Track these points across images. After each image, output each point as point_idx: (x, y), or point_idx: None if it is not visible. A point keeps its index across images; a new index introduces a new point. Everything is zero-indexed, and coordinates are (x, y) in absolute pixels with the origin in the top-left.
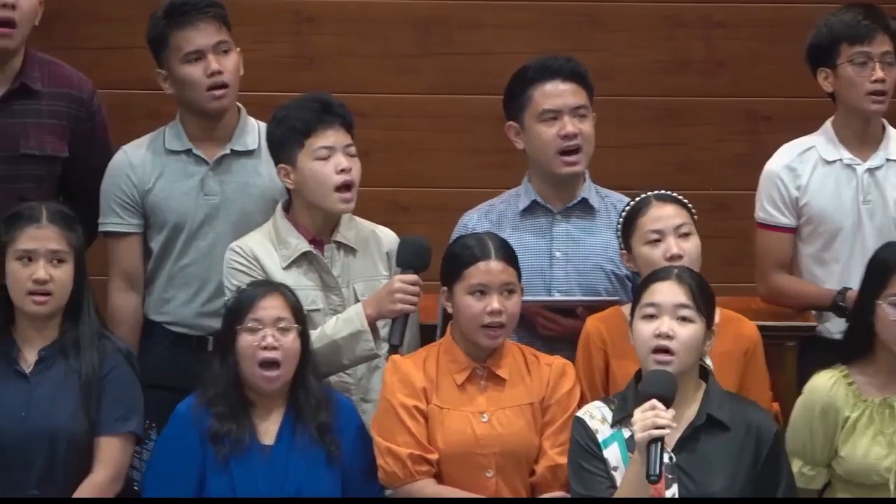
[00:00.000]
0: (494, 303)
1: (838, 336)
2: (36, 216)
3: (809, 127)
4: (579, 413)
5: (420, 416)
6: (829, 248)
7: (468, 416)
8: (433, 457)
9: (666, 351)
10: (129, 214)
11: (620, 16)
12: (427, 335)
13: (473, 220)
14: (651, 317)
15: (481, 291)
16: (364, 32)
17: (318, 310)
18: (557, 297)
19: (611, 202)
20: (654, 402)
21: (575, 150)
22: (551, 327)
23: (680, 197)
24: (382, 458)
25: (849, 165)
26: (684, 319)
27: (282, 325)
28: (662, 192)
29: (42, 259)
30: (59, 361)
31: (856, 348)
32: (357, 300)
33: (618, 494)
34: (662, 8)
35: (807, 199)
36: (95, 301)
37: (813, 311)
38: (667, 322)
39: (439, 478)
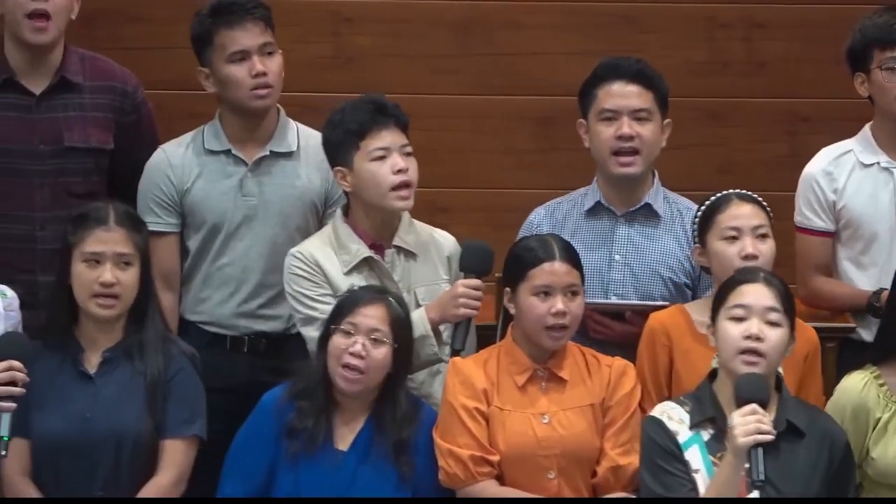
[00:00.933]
0: (559, 304)
1: None
2: (104, 218)
3: (850, 128)
4: (654, 413)
5: (481, 418)
6: (867, 252)
7: (529, 418)
8: (494, 458)
9: (755, 352)
10: (167, 214)
11: (660, 17)
12: (485, 336)
13: (539, 217)
14: (740, 318)
15: (545, 292)
16: (403, 33)
17: None
18: (613, 300)
19: (678, 208)
20: (755, 406)
21: (630, 153)
22: (602, 330)
23: (760, 199)
24: (444, 459)
25: (886, 169)
26: (773, 323)
27: (375, 336)
28: (744, 191)
29: (109, 262)
30: (124, 363)
31: (887, 349)
32: (418, 305)
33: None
34: (702, 9)
35: (843, 203)
36: (160, 305)
37: (851, 314)
38: (756, 324)
39: (501, 479)
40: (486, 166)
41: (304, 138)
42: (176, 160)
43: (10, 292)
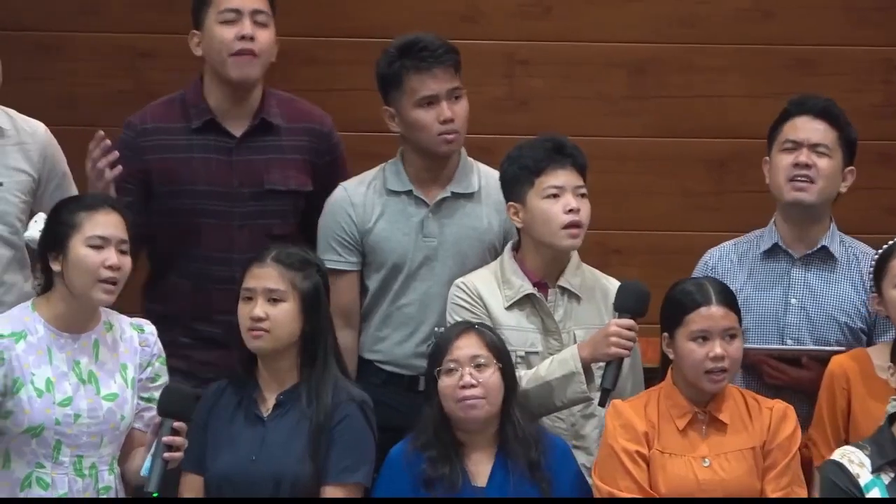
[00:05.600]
0: (717, 348)
1: None
2: (262, 256)
3: None
4: (835, 457)
5: (642, 461)
6: None
7: (690, 462)
8: (662, 499)
9: None
10: (347, 252)
11: (834, 59)
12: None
13: (714, 259)
14: None
15: (703, 337)
16: (577, 75)
17: (536, 352)
18: (790, 343)
19: (853, 252)
20: None
21: (805, 179)
22: (777, 376)
23: None
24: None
25: None
26: None
27: (478, 362)
28: None
29: (260, 297)
30: (294, 408)
31: None
32: None
33: None
34: (877, 51)
35: None
36: (338, 348)
37: None
38: None
39: None
40: (658, 208)
41: (484, 178)
42: (357, 199)
43: (147, 327)
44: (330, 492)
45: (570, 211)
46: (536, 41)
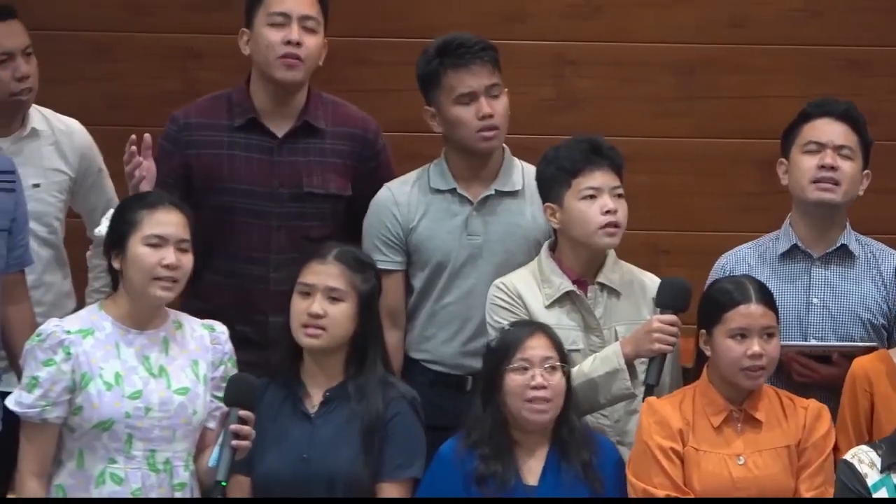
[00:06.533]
0: (755, 346)
1: None
2: (323, 253)
3: None
4: (846, 456)
5: (676, 458)
6: None
7: (725, 459)
8: (689, 499)
9: None
10: (392, 252)
11: (883, 61)
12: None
13: (731, 264)
14: None
15: (742, 335)
16: (627, 76)
17: (578, 350)
18: (813, 342)
19: (870, 251)
20: None
21: (830, 181)
22: (806, 374)
23: None
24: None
25: None
26: None
27: (549, 364)
28: None
29: (319, 294)
30: (343, 405)
31: None
32: None
33: None
34: None
35: None
36: (385, 349)
37: None
38: None
39: None
40: (708, 209)
41: (528, 177)
42: (402, 198)
43: (219, 326)
44: (386, 489)
45: (608, 212)
46: (585, 42)
